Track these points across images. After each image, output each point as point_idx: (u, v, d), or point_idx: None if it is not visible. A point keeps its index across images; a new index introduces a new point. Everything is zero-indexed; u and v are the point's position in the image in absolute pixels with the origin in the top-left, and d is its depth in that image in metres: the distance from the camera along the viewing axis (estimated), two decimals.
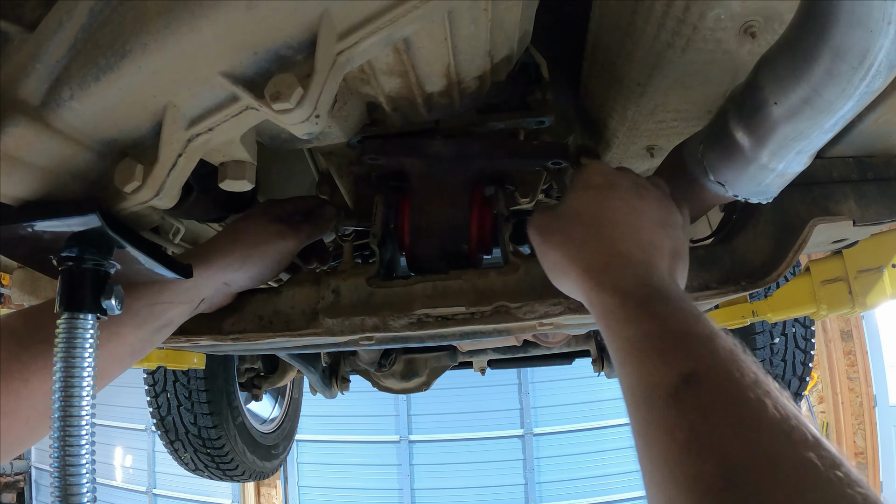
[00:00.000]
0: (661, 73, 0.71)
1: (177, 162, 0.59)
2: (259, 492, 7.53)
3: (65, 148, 0.58)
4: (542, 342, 1.90)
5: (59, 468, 0.58)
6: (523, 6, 0.62)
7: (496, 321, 0.79)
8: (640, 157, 0.96)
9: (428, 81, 0.69)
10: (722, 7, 0.59)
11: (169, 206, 0.65)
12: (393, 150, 0.78)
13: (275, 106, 0.51)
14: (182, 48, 0.52)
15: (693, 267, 0.79)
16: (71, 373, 0.60)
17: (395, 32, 0.53)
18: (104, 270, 0.65)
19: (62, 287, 0.63)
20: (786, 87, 0.51)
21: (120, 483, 8.10)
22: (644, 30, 0.67)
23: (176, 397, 2.28)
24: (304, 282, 0.86)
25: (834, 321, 6.28)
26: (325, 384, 2.18)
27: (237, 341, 0.87)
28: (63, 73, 0.54)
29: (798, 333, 2.20)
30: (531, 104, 0.80)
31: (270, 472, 2.75)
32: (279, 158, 1.08)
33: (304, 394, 3.10)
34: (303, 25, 0.51)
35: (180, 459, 2.43)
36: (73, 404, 0.59)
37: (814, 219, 0.77)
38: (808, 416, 5.67)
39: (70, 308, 0.62)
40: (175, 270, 0.69)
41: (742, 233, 0.80)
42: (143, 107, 0.57)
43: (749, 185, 0.62)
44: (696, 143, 0.67)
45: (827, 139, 0.55)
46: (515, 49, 0.70)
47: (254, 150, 0.64)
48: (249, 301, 0.87)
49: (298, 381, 3.02)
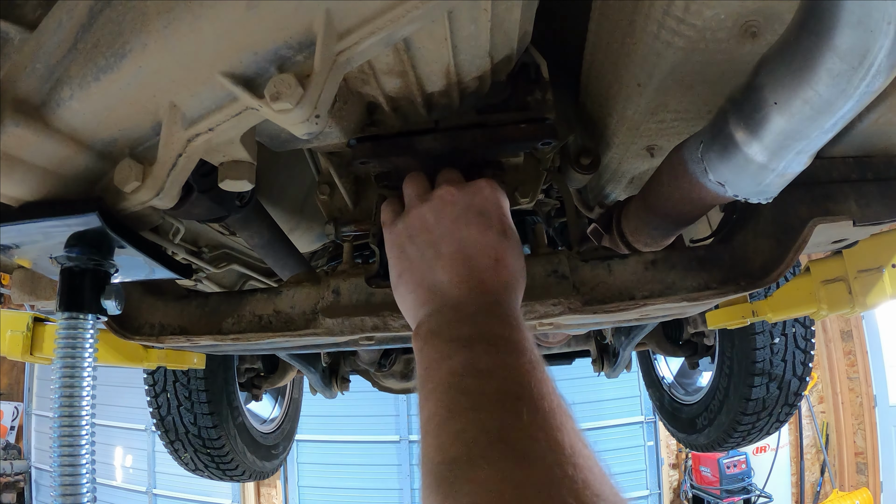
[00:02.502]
0: (661, 73, 0.71)
1: (177, 162, 0.59)
2: (259, 492, 7.52)
3: (65, 148, 0.58)
4: (542, 342, 1.89)
5: (59, 468, 0.58)
6: (523, 6, 0.62)
7: None
8: (640, 157, 0.96)
9: (428, 81, 0.69)
10: (722, 7, 0.59)
11: (169, 206, 0.65)
12: (383, 151, 0.78)
13: (275, 106, 0.51)
14: (182, 48, 0.52)
15: (693, 267, 0.79)
16: (71, 373, 0.60)
17: (395, 32, 0.53)
18: (104, 270, 0.65)
19: (62, 287, 0.63)
20: (786, 87, 0.51)
21: (120, 483, 8.10)
22: (644, 30, 0.67)
23: (176, 397, 2.28)
24: (304, 282, 0.86)
25: (834, 321, 6.28)
26: (325, 384, 2.18)
27: (237, 341, 0.87)
28: (63, 73, 0.54)
29: (798, 333, 2.19)
30: (531, 104, 0.80)
31: (270, 472, 2.75)
32: (279, 158, 1.08)
33: (304, 394, 3.10)
34: (303, 25, 0.51)
35: (180, 459, 2.43)
36: (73, 404, 0.59)
37: (814, 219, 0.77)
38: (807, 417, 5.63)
39: (70, 308, 0.62)
40: (175, 270, 0.69)
41: (742, 233, 0.80)
42: (143, 107, 0.57)
43: (749, 185, 0.62)
44: (696, 143, 0.67)
45: (827, 139, 0.55)
46: (515, 49, 0.70)
47: (254, 150, 0.64)
48: (249, 301, 0.87)
49: (298, 381, 3.02)
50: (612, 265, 0.79)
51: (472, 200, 0.65)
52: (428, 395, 0.50)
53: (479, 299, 0.57)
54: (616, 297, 0.78)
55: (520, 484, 0.39)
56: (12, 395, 8.83)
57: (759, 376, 2.15)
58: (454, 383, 0.49)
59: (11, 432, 8.75)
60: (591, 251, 0.84)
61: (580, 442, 0.44)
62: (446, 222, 0.63)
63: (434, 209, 0.65)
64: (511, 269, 0.61)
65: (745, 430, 2.29)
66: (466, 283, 0.58)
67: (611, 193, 1.15)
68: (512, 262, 0.61)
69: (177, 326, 0.89)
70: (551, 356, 2.37)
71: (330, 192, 1.00)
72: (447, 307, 0.58)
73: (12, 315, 1.53)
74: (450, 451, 0.44)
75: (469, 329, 0.54)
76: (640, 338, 1.96)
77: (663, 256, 0.80)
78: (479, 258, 0.60)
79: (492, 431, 0.43)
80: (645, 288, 0.78)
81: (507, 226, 0.65)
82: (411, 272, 0.63)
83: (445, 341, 0.54)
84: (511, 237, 0.64)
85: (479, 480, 0.40)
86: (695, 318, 2.24)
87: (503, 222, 0.64)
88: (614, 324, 1.09)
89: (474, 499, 0.40)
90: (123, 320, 0.90)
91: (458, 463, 0.42)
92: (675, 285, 0.78)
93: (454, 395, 0.48)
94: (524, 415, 0.44)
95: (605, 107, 0.90)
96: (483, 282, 0.58)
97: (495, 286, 0.58)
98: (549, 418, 0.45)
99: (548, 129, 0.77)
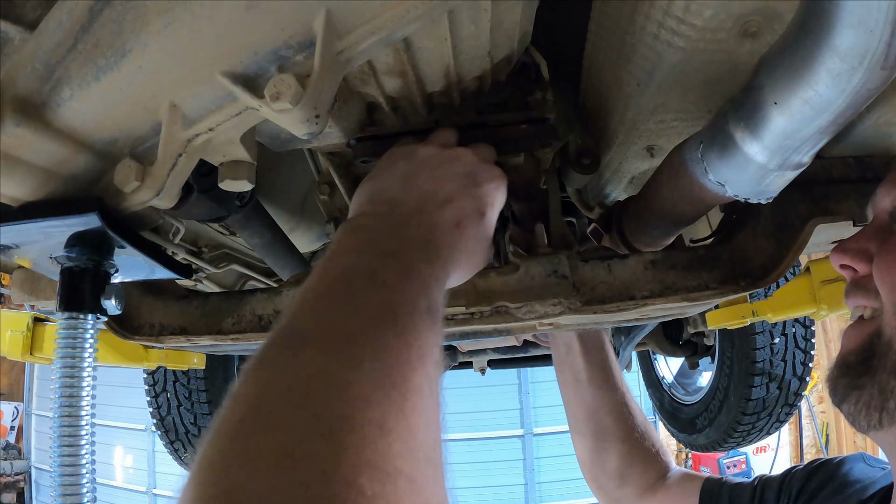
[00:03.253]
0: (662, 73, 0.71)
1: (177, 162, 0.59)
2: None
3: (65, 148, 0.58)
4: (542, 342, 1.89)
5: (59, 468, 0.58)
6: (523, 6, 0.62)
7: (496, 321, 0.79)
8: (640, 157, 0.96)
9: (428, 81, 0.69)
10: (722, 7, 0.59)
11: (169, 206, 0.65)
12: (384, 150, 0.78)
13: (275, 106, 0.51)
14: (182, 48, 0.52)
15: (693, 267, 0.79)
16: (71, 373, 0.60)
17: (395, 32, 0.53)
18: (104, 270, 0.65)
19: (62, 287, 0.63)
20: (786, 87, 0.51)
21: (120, 483, 8.11)
22: (644, 30, 0.67)
23: (176, 397, 2.28)
24: (303, 281, 0.86)
25: (834, 321, 6.27)
26: None
27: (237, 341, 0.87)
28: (63, 73, 0.54)
29: (798, 333, 2.20)
30: (531, 104, 0.80)
31: None
32: (279, 158, 1.08)
33: None
34: (303, 25, 0.51)
35: (180, 459, 2.43)
36: (73, 404, 0.59)
37: (814, 219, 0.77)
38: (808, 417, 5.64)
39: (70, 308, 0.62)
40: (175, 270, 0.69)
41: (742, 233, 0.80)
42: (143, 107, 0.57)
43: (749, 184, 0.62)
44: (696, 143, 0.67)
45: (827, 139, 0.55)
46: (515, 49, 0.70)
47: (254, 150, 0.64)
48: (249, 301, 0.87)
49: None
50: (612, 265, 0.79)
51: (480, 174, 0.64)
52: (318, 267, 0.48)
53: (420, 237, 0.55)
54: (616, 297, 0.78)
55: (335, 384, 0.36)
56: (12, 395, 8.84)
57: (759, 376, 2.15)
58: (345, 274, 0.47)
59: (11, 432, 8.76)
60: (591, 251, 0.84)
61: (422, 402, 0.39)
62: (445, 170, 0.63)
63: (446, 156, 0.64)
64: (466, 243, 0.60)
65: (745, 430, 2.29)
66: (420, 217, 0.57)
67: (611, 193, 1.15)
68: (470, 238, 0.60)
69: (177, 326, 0.89)
70: (551, 356, 2.37)
71: (330, 192, 1.00)
72: (390, 221, 0.56)
73: (12, 315, 1.53)
74: (295, 325, 0.42)
75: (395, 246, 0.52)
76: (640, 338, 1.96)
77: (663, 256, 0.80)
78: (448, 213, 0.59)
79: (344, 329, 0.41)
80: (645, 288, 0.78)
81: (489, 217, 0.64)
82: (384, 179, 0.62)
83: (366, 241, 0.52)
84: (485, 225, 0.63)
85: (300, 359, 0.38)
86: (695, 318, 2.24)
87: (488, 211, 0.63)
88: (614, 324, 1.09)
89: (283, 370, 0.37)
90: (123, 320, 0.90)
91: (294, 336, 0.41)
92: (675, 285, 0.78)
93: (337, 282, 0.46)
94: (387, 335, 0.41)
95: (605, 107, 0.90)
96: (434, 230, 0.57)
97: (442, 241, 0.57)
98: (410, 351, 0.41)
99: (548, 129, 0.77)
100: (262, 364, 0.39)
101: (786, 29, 0.51)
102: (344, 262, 0.49)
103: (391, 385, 0.37)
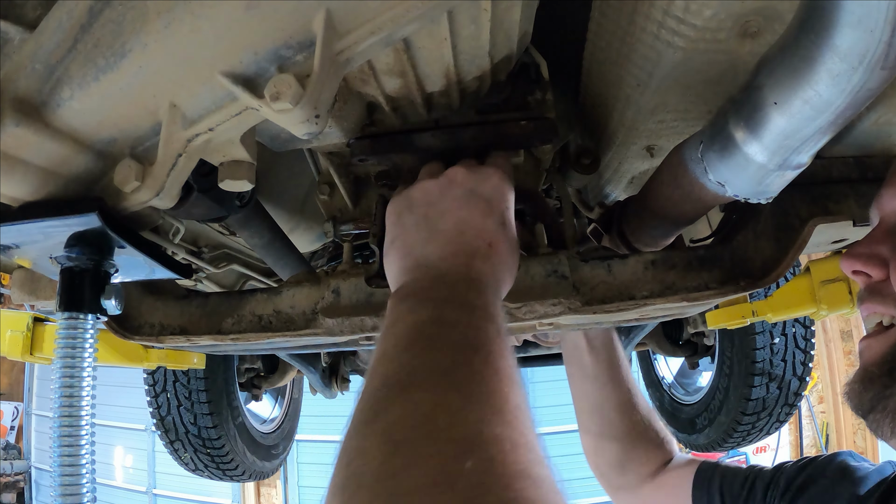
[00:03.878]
0: (662, 72, 0.71)
1: (177, 162, 0.59)
2: (259, 492, 7.53)
3: (65, 148, 0.58)
4: (542, 342, 1.89)
5: (59, 468, 0.58)
6: (523, 6, 0.62)
7: None
8: (640, 157, 0.96)
9: (428, 81, 0.69)
10: (722, 7, 0.59)
11: (169, 206, 0.65)
12: (382, 148, 0.78)
13: (275, 106, 0.51)
14: (182, 48, 0.52)
15: (693, 267, 0.79)
16: (71, 373, 0.60)
17: (395, 32, 0.53)
18: (104, 270, 0.65)
19: (62, 287, 0.63)
20: (786, 86, 0.51)
21: (120, 483, 8.11)
22: (644, 29, 0.67)
23: (176, 397, 2.28)
24: (304, 282, 0.86)
25: (834, 321, 6.27)
26: (326, 384, 2.18)
27: (237, 341, 0.87)
28: (63, 73, 0.54)
29: (798, 333, 2.20)
30: (531, 104, 0.80)
31: (270, 472, 2.75)
32: (279, 158, 1.08)
33: (304, 394, 3.10)
34: (303, 25, 0.51)
35: (180, 459, 2.43)
36: (73, 404, 0.59)
37: (814, 219, 0.77)
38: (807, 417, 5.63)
39: (70, 308, 0.62)
40: (175, 270, 0.69)
41: (742, 233, 0.80)
42: (143, 107, 0.57)
43: (749, 184, 0.62)
44: (695, 142, 0.67)
45: (827, 139, 0.55)
46: (515, 49, 0.70)
47: (254, 150, 0.64)
48: (249, 301, 0.87)
49: (298, 381, 3.02)
50: (612, 265, 0.79)
51: (480, 186, 0.64)
52: (385, 336, 0.49)
53: (463, 275, 0.56)
54: (616, 297, 0.78)
55: (455, 412, 0.38)
56: (12, 395, 8.84)
57: (759, 376, 2.15)
58: (416, 328, 0.48)
59: (11, 432, 8.76)
60: (591, 251, 0.84)
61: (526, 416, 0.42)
62: (449, 200, 0.63)
63: (440, 185, 0.65)
64: (502, 257, 0.60)
65: (745, 430, 2.29)
66: (454, 260, 0.57)
67: (611, 193, 1.15)
68: (504, 252, 0.61)
69: (177, 326, 0.89)
70: (551, 356, 2.36)
71: (330, 192, 1.00)
72: (430, 277, 0.57)
73: (12, 315, 1.53)
74: (391, 378, 0.43)
75: (446, 292, 0.53)
76: (640, 338, 1.96)
77: (663, 256, 0.80)
78: (473, 240, 0.59)
79: (438, 368, 0.42)
80: (645, 288, 0.78)
81: (508, 218, 0.64)
82: (404, 240, 0.63)
83: (419, 300, 0.53)
84: (509, 229, 0.64)
85: (414, 401, 0.39)
86: (695, 318, 2.24)
87: (504, 213, 0.64)
88: (614, 324, 1.09)
89: (402, 414, 0.38)
90: (123, 320, 0.90)
91: (396, 386, 0.41)
92: (675, 285, 0.78)
93: (412, 336, 0.47)
94: (475, 363, 0.43)
95: (605, 106, 0.90)
96: (471, 263, 0.57)
97: (483, 269, 0.57)
98: (500, 374, 0.43)
99: (548, 126, 0.77)
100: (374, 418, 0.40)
101: (786, 29, 0.51)
102: (408, 320, 0.50)
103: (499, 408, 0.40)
